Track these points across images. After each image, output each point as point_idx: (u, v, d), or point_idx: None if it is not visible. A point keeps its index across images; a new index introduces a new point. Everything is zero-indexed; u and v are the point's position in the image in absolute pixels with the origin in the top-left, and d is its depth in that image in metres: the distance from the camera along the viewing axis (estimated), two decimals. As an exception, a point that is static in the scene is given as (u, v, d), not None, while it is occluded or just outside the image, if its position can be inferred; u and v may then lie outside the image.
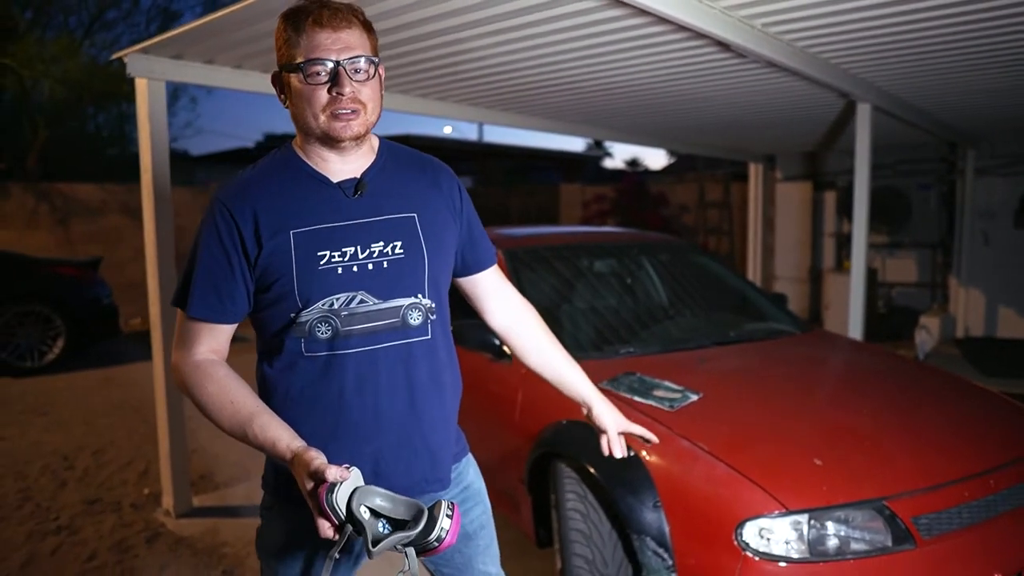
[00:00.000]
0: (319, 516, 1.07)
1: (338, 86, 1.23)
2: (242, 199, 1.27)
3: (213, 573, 2.92)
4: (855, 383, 2.75)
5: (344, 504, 1.06)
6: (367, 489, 1.08)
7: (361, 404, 1.29)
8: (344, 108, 1.24)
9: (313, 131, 1.28)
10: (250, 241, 1.26)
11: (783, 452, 2.07)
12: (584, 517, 2.20)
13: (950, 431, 2.29)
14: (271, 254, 1.25)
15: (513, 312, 1.56)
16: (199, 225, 1.31)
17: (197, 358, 1.29)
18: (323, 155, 1.31)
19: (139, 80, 3.22)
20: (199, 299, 1.28)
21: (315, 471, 1.08)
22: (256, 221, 1.25)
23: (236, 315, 1.31)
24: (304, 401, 1.30)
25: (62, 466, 4.17)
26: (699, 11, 2.54)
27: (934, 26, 2.94)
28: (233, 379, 1.27)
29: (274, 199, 1.27)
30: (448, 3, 2.62)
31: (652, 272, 3.57)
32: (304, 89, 1.24)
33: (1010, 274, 6.90)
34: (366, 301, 1.28)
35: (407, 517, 1.09)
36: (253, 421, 1.20)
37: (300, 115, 1.27)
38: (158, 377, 3.48)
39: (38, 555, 3.08)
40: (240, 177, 1.32)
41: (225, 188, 1.30)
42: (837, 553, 1.84)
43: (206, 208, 1.31)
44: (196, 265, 1.29)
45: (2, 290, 6.44)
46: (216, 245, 1.27)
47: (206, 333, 1.30)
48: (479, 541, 1.49)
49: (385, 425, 1.30)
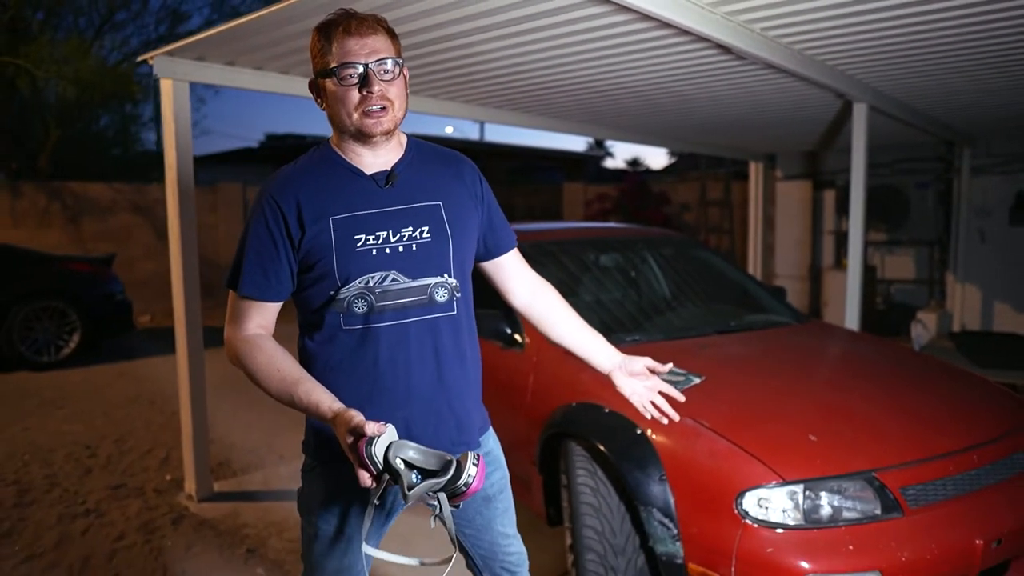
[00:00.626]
0: (359, 467, 1.20)
1: (368, 86, 1.38)
2: (287, 189, 1.43)
3: (237, 551, 3.06)
4: (849, 367, 2.90)
5: (381, 456, 1.19)
6: (401, 443, 1.21)
7: (393, 373, 1.43)
8: (374, 105, 1.39)
9: (348, 128, 1.43)
10: (294, 227, 1.40)
11: (780, 429, 2.21)
12: (594, 491, 2.34)
13: (938, 410, 2.43)
14: (314, 238, 1.40)
15: (533, 289, 1.70)
16: (248, 215, 1.46)
17: (247, 332, 1.44)
18: (356, 150, 1.46)
19: (164, 80, 3.37)
20: (248, 279, 1.42)
21: (355, 427, 1.21)
22: (299, 209, 1.40)
23: (282, 293, 1.45)
24: (342, 370, 1.44)
25: (85, 454, 4.31)
26: (700, 16, 2.68)
27: (927, 29, 3.07)
28: (279, 351, 1.42)
29: (315, 190, 1.43)
30: (461, 10, 2.76)
31: (655, 265, 3.71)
32: (338, 91, 1.39)
33: (1006, 270, 7.04)
34: (397, 280, 1.43)
35: (437, 468, 1.21)
36: (298, 386, 1.34)
37: (336, 115, 1.43)
38: (181, 367, 3.61)
39: (70, 535, 3.23)
40: (284, 171, 1.48)
41: (271, 182, 1.46)
42: (830, 521, 1.98)
43: (254, 200, 1.46)
44: (246, 250, 1.44)
45: (20, 286, 6.60)
46: (264, 231, 1.42)
47: (255, 310, 1.44)
48: (498, 504, 1.63)
49: (415, 392, 1.44)
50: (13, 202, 9.20)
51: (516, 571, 1.67)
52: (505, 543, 1.65)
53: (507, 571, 1.66)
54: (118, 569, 2.92)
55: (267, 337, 1.45)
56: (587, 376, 2.59)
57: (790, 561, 1.91)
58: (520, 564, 1.68)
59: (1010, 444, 2.33)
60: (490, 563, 1.65)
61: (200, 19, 17.67)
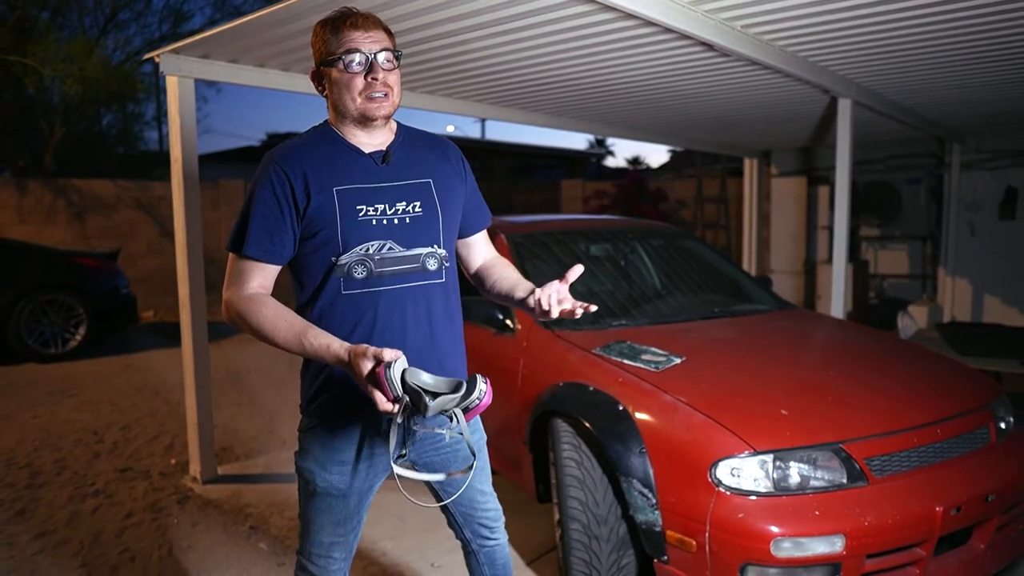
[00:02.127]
0: (379, 391, 1.31)
1: (372, 73, 1.53)
2: (293, 160, 1.55)
3: (241, 528, 3.19)
4: (824, 349, 3.03)
5: (399, 378, 1.31)
6: (414, 370, 1.34)
7: (390, 333, 1.56)
8: (377, 91, 1.54)
9: (351, 112, 1.56)
10: (300, 194, 1.53)
11: (753, 404, 2.33)
12: (578, 464, 2.47)
13: (906, 387, 2.55)
14: (319, 207, 1.52)
15: (487, 259, 1.83)
16: (253, 183, 1.57)
17: (249, 291, 1.54)
18: (354, 132, 1.60)
19: (170, 77, 3.50)
20: (255, 241, 1.53)
21: (375, 354, 1.33)
22: (306, 178, 1.53)
23: (283, 257, 1.57)
24: (342, 331, 1.54)
25: (93, 440, 4.45)
26: (681, 14, 2.80)
27: (908, 25, 3.18)
28: (282, 305, 1.52)
29: (320, 162, 1.56)
30: (451, 9, 2.89)
31: (644, 255, 3.83)
32: (343, 77, 1.53)
33: (995, 264, 7.16)
34: (393, 248, 1.57)
35: (447, 390, 1.34)
36: (307, 332, 1.45)
37: (339, 100, 1.56)
38: (187, 353, 3.74)
39: (81, 513, 3.36)
40: (289, 143, 1.60)
41: (277, 151, 1.58)
42: (798, 488, 2.11)
43: (259, 168, 1.57)
44: (252, 213, 1.54)
45: (27, 280, 6.74)
46: (270, 196, 1.53)
47: (258, 271, 1.56)
48: (477, 461, 1.76)
49: (410, 351, 1.55)
50: (20, 199, 9.34)
51: (493, 526, 1.81)
52: (483, 499, 1.79)
53: (485, 527, 1.80)
54: (127, 544, 3.05)
55: (269, 295, 1.56)
56: (574, 357, 2.73)
57: (760, 526, 2.03)
58: (496, 520, 1.82)
59: (975, 419, 2.45)
60: (469, 519, 1.79)
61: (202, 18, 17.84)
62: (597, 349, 2.69)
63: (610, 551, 2.39)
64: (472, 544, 1.82)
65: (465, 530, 1.80)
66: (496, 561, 1.82)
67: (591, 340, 2.80)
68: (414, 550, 2.96)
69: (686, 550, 2.14)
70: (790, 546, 2.00)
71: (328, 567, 1.70)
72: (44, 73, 9.29)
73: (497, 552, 1.82)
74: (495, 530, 1.81)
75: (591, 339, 2.81)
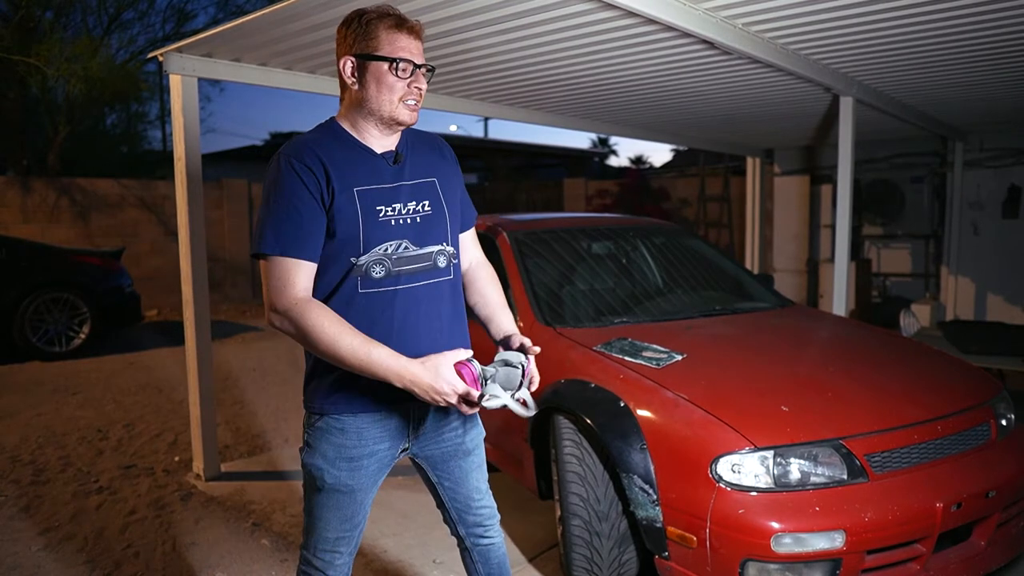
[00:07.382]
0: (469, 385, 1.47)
1: (417, 82, 1.58)
2: (314, 156, 1.53)
3: (243, 524, 3.21)
4: (825, 346, 3.03)
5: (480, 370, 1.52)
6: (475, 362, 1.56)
7: (408, 330, 1.58)
8: (416, 100, 1.59)
9: (383, 113, 1.57)
10: (325, 192, 1.52)
11: (754, 400, 2.34)
12: (580, 461, 2.48)
13: (906, 384, 2.56)
14: (341, 207, 1.53)
15: (473, 263, 1.84)
16: (271, 181, 1.53)
17: (302, 295, 1.51)
18: (372, 132, 1.61)
19: (174, 76, 3.52)
20: (295, 239, 1.50)
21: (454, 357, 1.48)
22: (328, 176, 1.53)
23: (320, 253, 1.55)
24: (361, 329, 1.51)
25: (97, 437, 4.47)
26: (682, 12, 2.81)
27: (910, 22, 3.18)
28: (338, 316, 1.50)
29: (337, 161, 1.55)
30: (459, 6, 2.90)
31: (646, 253, 3.84)
32: (389, 78, 1.54)
33: (998, 262, 7.15)
34: (408, 248, 1.59)
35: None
36: (373, 348, 1.46)
37: (376, 98, 1.56)
38: (190, 351, 3.75)
39: (85, 509, 3.38)
40: (303, 139, 1.59)
41: (294, 147, 1.55)
42: (798, 484, 2.11)
43: (277, 165, 1.54)
44: (285, 210, 1.49)
45: (32, 278, 6.77)
46: (302, 191, 1.51)
47: (303, 272, 1.52)
48: (475, 458, 1.78)
49: (426, 347, 1.57)
50: (24, 198, 9.37)
51: (487, 524, 1.82)
52: (478, 497, 1.80)
53: (479, 525, 1.81)
54: (130, 540, 3.07)
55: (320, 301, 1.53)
56: (575, 354, 2.73)
57: (760, 521, 2.04)
58: (491, 517, 1.83)
59: (975, 416, 2.46)
60: (464, 516, 1.80)
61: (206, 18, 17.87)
62: (598, 346, 2.70)
63: (611, 547, 2.40)
64: (466, 541, 1.83)
65: (460, 527, 1.82)
66: (491, 560, 1.83)
67: (592, 337, 2.81)
68: (416, 546, 2.98)
69: (687, 546, 2.15)
70: (791, 542, 2.01)
71: (333, 562, 1.72)
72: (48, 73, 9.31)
73: (491, 551, 1.83)
74: (489, 528, 1.83)
75: (592, 336, 2.82)
